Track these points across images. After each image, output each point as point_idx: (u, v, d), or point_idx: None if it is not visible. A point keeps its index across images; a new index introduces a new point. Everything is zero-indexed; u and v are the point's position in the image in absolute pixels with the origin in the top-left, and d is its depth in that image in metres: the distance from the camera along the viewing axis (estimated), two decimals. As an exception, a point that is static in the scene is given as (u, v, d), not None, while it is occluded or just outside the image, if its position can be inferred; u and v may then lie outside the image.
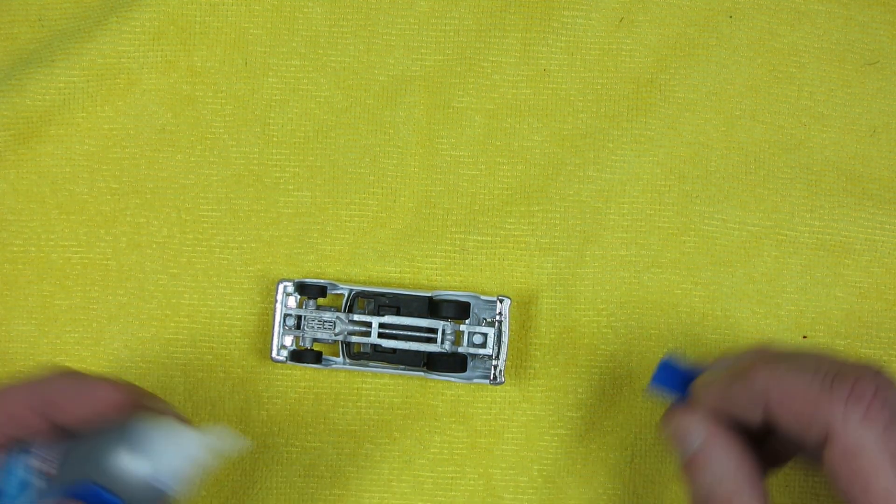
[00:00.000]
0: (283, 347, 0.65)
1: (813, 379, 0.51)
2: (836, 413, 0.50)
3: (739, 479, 0.53)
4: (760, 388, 0.52)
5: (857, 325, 0.67)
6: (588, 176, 0.67)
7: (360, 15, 0.67)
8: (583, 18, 0.68)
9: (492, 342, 0.64)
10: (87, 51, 0.66)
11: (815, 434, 0.51)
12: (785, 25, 0.68)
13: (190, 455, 0.51)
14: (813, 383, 0.51)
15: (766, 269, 0.67)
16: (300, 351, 0.64)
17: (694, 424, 0.55)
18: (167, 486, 0.51)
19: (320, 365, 0.64)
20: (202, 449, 0.51)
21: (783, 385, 0.52)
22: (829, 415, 0.50)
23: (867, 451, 0.49)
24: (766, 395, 0.52)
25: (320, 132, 0.67)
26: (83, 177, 0.66)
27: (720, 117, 0.68)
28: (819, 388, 0.51)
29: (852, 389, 0.50)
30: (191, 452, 0.51)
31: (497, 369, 0.64)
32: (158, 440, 0.51)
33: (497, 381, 0.64)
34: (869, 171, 0.68)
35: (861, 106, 0.68)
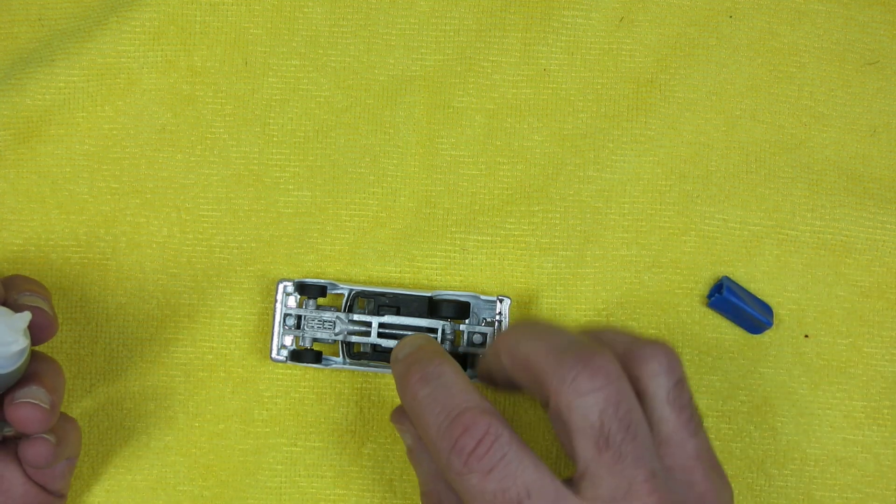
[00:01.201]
0: (282, 347, 0.65)
1: (546, 352, 0.55)
2: (553, 383, 0.53)
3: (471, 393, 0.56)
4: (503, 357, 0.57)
5: (859, 323, 0.67)
6: (588, 176, 0.67)
7: (360, 15, 0.67)
8: (583, 18, 0.68)
9: (490, 341, 0.64)
10: (87, 50, 0.66)
11: (543, 396, 0.55)
12: (785, 25, 0.69)
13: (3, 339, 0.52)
14: (540, 356, 0.55)
15: (767, 268, 0.67)
16: (300, 351, 0.64)
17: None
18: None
19: (320, 365, 0.64)
20: (13, 332, 0.52)
21: (517, 354, 0.56)
22: (548, 383, 0.54)
23: (572, 421, 0.53)
24: (506, 363, 0.57)
25: (320, 132, 0.67)
26: (83, 176, 0.66)
27: (721, 117, 0.68)
28: (545, 361, 0.54)
29: (572, 366, 0.53)
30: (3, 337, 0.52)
31: None
32: None
33: None
34: (869, 171, 0.68)
35: (861, 105, 0.68)
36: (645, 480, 0.53)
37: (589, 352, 0.54)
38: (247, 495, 0.65)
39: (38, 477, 0.59)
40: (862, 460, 0.66)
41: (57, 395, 0.56)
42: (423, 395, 0.55)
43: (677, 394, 0.56)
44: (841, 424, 0.66)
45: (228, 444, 0.65)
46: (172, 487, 0.65)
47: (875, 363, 0.67)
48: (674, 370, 0.56)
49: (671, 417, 0.56)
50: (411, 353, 0.58)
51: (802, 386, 0.67)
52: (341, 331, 0.64)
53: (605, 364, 0.54)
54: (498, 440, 0.53)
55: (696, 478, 0.56)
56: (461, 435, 0.53)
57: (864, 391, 0.67)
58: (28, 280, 0.59)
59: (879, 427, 0.66)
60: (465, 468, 0.53)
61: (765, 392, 0.67)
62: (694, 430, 0.56)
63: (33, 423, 0.55)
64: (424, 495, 0.59)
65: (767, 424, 0.66)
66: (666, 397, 0.56)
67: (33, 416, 0.55)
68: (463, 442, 0.53)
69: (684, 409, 0.56)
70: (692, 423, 0.56)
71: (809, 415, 0.66)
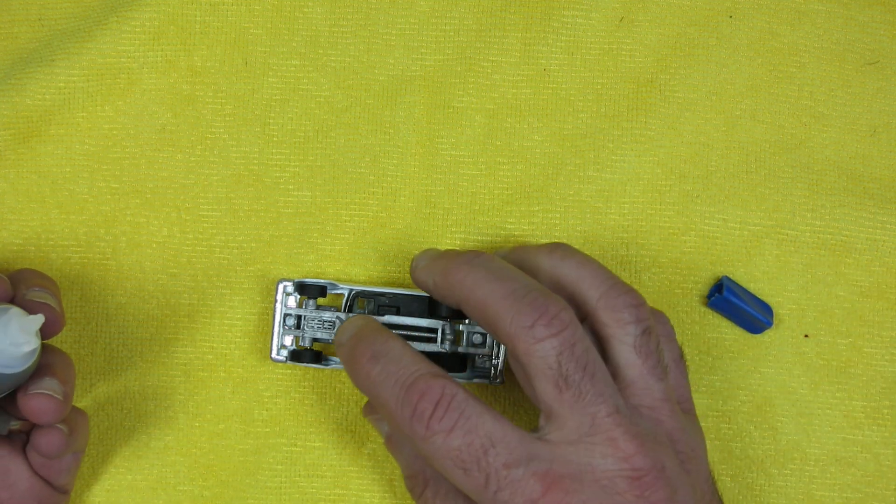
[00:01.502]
0: (282, 347, 0.65)
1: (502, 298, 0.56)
2: (510, 330, 0.55)
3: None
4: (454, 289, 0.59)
5: (859, 323, 0.67)
6: (588, 176, 0.67)
7: (360, 15, 0.67)
8: (583, 18, 0.68)
9: (490, 341, 0.64)
10: (87, 50, 0.66)
11: (497, 337, 0.56)
12: (785, 25, 0.68)
13: (12, 339, 0.53)
14: (497, 302, 0.56)
15: (767, 268, 0.67)
16: (299, 350, 0.64)
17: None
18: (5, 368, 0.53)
19: (320, 364, 0.64)
20: (22, 332, 0.53)
21: (473, 298, 0.57)
22: (505, 330, 0.55)
23: (531, 365, 0.55)
24: (458, 297, 0.58)
25: (320, 132, 0.67)
26: (83, 176, 0.66)
27: (720, 117, 0.68)
28: (501, 307, 0.56)
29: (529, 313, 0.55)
30: (12, 336, 0.53)
31: (497, 369, 0.64)
32: None
33: (496, 380, 0.64)
34: (869, 171, 0.68)
35: (861, 105, 0.68)
36: (608, 415, 0.54)
37: (544, 299, 0.55)
38: (247, 495, 0.65)
39: (44, 471, 0.60)
40: (862, 460, 0.66)
41: (69, 387, 0.57)
42: (375, 374, 0.56)
43: (644, 341, 0.57)
44: (841, 424, 0.66)
45: (228, 444, 0.65)
46: (172, 487, 0.65)
47: (875, 363, 0.67)
48: (642, 319, 0.57)
49: (637, 363, 0.57)
50: (354, 335, 0.59)
51: (802, 386, 0.67)
52: None
53: (560, 311, 0.55)
54: (454, 399, 0.54)
55: (663, 416, 0.57)
56: (419, 400, 0.54)
57: (864, 391, 0.67)
58: (37, 274, 0.60)
59: (879, 427, 0.66)
60: (428, 431, 0.54)
61: (765, 392, 0.66)
62: (660, 376, 0.57)
63: (48, 414, 0.56)
64: (409, 479, 0.60)
65: (767, 424, 0.66)
66: (633, 343, 0.57)
67: (48, 406, 0.56)
68: (422, 406, 0.54)
69: (651, 355, 0.57)
70: (658, 369, 0.57)
71: (809, 414, 0.66)
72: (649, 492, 0.54)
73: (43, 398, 0.56)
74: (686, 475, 0.56)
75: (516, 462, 0.54)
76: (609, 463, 0.54)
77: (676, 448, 0.57)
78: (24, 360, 0.54)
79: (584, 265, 0.59)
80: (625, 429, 0.55)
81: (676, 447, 0.57)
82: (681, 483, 0.55)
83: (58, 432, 0.58)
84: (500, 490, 0.53)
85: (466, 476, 0.54)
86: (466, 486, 0.54)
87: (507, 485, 0.53)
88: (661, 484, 0.54)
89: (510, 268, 0.58)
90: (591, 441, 0.54)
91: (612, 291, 0.58)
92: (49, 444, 0.58)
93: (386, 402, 0.56)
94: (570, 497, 0.53)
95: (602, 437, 0.54)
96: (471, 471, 0.54)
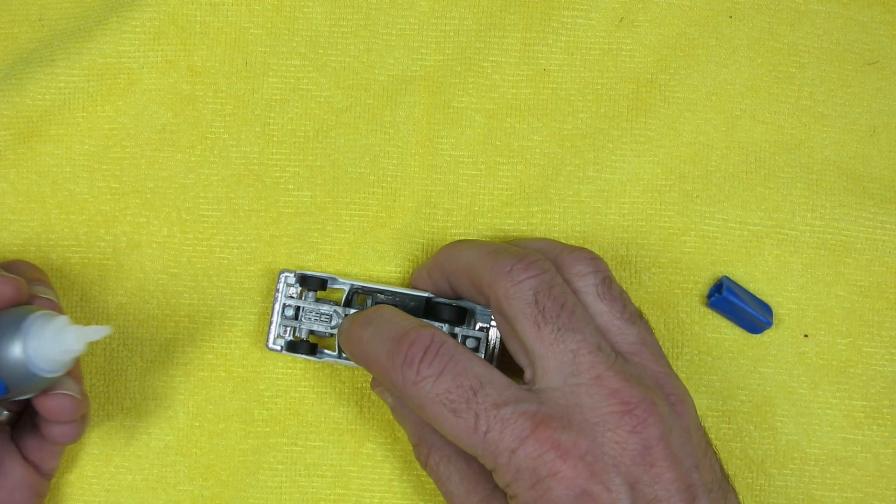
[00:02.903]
0: (279, 337, 0.65)
1: (484, 255, 0.59)
2: (491, 277, 0.58)
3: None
4: (444, 266, 0.62)
5: (859, 323, 0.67)
6: (588, 176, 0.67)
7: (360, 15, 0.67)
8: (583, 18, 0.68)
9: (484, 346, 0.64)
10: (88, 50, 0.66)
11: (483, 295, 0.59)
12: (785, 25, 0.68)
13: (66, 346, 0.54)
14: (479, 259, 0.59)
15: (767, 268, 0.67)
16: (296, 341, 0.64)
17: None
18: (43, 371, 0.55)
19: (314, 357, 0.64)
20: (77, 341, 0.54)
21: (458, 263, 0.61)
22: (486, 279, 0.58)
23: (511, 307, 0.57)
24: (447, 271, 0.62)
25: (320, 132, 0.67)
26: (83, 176, 0.66)
27: (720, 117, 0.68)
28: (483, 262, 0.59)
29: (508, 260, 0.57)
30: (67, 344, 0.54)
31: None
32: (41, 331, 0.54)
33: None
34: (869, 171, 0.68)
35: (861, 105, 0.68)
36: (590, 352, 0.56)
37: (522, 251, 0.58)
38: (247, 495, 0.65)
39: (36, 456, 0.61)
40: (862, 460, 0.66)
41: (82, 384, 0.59)
42: (367, 335, 0.58)
43: (606, 288, 0.59)
44: (841, 424, 0.66)
45: (229, 444, 0.65)
46: (173, 487, 0.65)
47: (875, 363, 0.67)
48: (599, 269, 0.59)
49: (605, 309, 0.58)
50: (352, 315, 0.61)
51: (802, 385, 0.67)
52: (337, 324, 0.64)
53: (537, 259, 0.58)
54: (444, 346, 0.56)
55: (645, 359, 0.58)
56: (408, 349, 0.56)
57: (863, 391, 0.67)
58: (31, 267, 0.61)
59: (879, 427, 0.66)
60: (418, 376, 0.55)
61: (765, 392, 0.66)
62: (630, 319, 0.58)
63: (68, 414, 0.57)
64: (415, 447, 0.61)
65: (767, 424, 0.66)
66: (595, 292, 0.59)
67: (70, 407, 0.57)
68: (412, 353, 0.56)
69: (616, 300, 0.59)
70: (627, 312, 0.58)
71: (809, 414, 0.66)
72: (642, 426, 0.55)
73: (65, 399, 0.57)
74: (678, 418, 0.57)
75: (505, 402, 0.54)
76: (597, 401, 0.55)
77: (665, 391, 0.57)
78: (67, 365, 0.55)
79: (537, 240, 0.62)
80: (608, 365, 0.55)
81: (665, 390, 0.57)
82: (674, 424, 0.56)
83: (74, 423, 0.59)
84: (490, 430, 0.54)
85: (456, 418, 0.55)
86: (457, 429, 0.55)
87: (496, 423, 0.54)
88: (654, 420, 0.55)
89: (490, 241, 0.63)
90: (575, 382, 0.55)
91: (566, 251, 0.60)
92: (63, 435, 0.59)
93: (378, 358, 0.57)
94: (558, 434, 0.54)
95: (586, 376, 0.55)
96: (460, 412, 0.55)
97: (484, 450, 0.55)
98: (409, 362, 0.56)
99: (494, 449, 0.54)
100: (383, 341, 0.57)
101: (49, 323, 0.55)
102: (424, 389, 0.55)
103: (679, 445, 0.55)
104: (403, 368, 0.56)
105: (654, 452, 0.54)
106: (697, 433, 0.57)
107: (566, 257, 0.59)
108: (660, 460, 0.54)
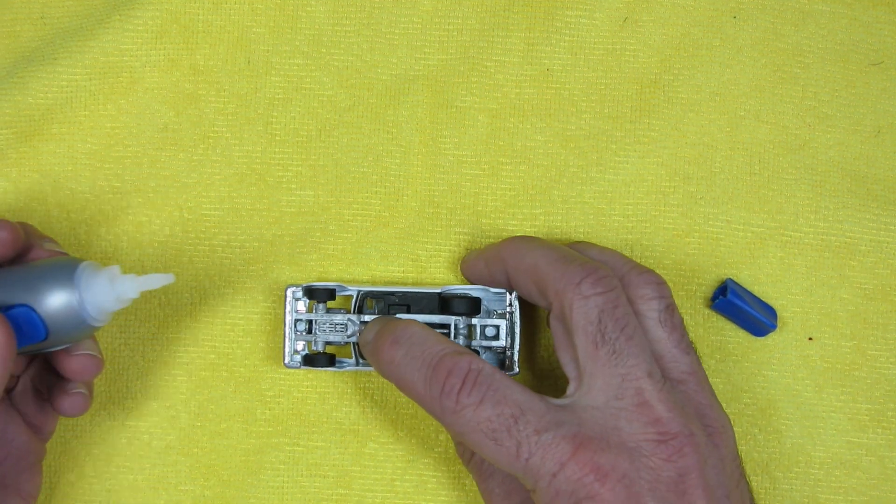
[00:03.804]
0: (295, 353, 0.64)
1: (554, 260, 0.59)
2: (559, 286, 0.58)
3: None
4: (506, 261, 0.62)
5: (863, 326, 0.67)
6: (591, 177, 0.67)
7: (363, 14, 0.67)
8: (587, 18, 0.68)
9: (504, 333, 0.64)
10: (90, 48, 0.66)
11: (546, 299, 0.60)
12: (789, 26, 0.68)
13: (122, 294, 0.56)
14: (549, 263, 0.60)
15: (771, 270, 0.67)
16: (313, 355, 0.64)
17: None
18: (94, 320, 0.56)
19: (334, 368, 0.64)
20: (134, 289, 0.56)
21: (522, 263, 0.61)
22: (554, 287, 0.59)
23: (573, 320, 0.58)
24: (509, 267, 0.62)
25: (323, 131, 0.67)
26: (85, 175, 0.66)
27: (724, 118, 0.68)
28: (552, 268, 0.59)
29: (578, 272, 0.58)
30: (124, 292, 0.56)
31: (511, 359, 0.64)
32: (94, 279, 0.56)
33: (512, 370, 0.64)
34: (873, 172, 0.68)
35: (865, 106, 0.68)
36: (639, 378, 0.56)
37: (592, 264, 0.58)
38: (249, 495, 0.65)
39: (38, 420, 0.61)
40: (867, 463, 0.66)
41: (98, 345, 0.60)
42: (399, 357, 0.58)
43: (668, 316, 0.59)
44: (845, 427, 0.66)
45: (231, 444, 0.65)
46: (174, 487, 0.65)
47: (879, 366, 0.67)
48: (664, 295, 0.60)
49: (663, 336, 0.59)
50: (378, 330, 0.60)
51: (807, 389, 0.66)
52: (353, 332, 0.64)
53: (607, 275, 0.58)
54: (481, 373, 0.56)
55: (691, 389, 0.59)
56: (447, 378, 0.56)
57: (868, 394, 0.66)
58: (36, 229, 0.61)
59: (884, 430, 0.66)
60: (458, 405, 0.56)
61: (769, 395, 0.66)
62: (686, 349, 0.59)
63: (91, 373, 0.58)
64: (458, 445, 0.63)
65: (772, 427, 0.66)
66: (657, 318, 0.59)
67: (93, 366, 0.59)
68: (451, 383, 0.56)
69: (675, 328, 0.59)
70: (684, 342, 0.59)
71: (814, 417, 0.66)
72: (677, 455, 0.55)
73: (89, 359, 0.58)
74: (715, 448, 0.57)
75: (545, 427, 0.55)
76: (636, 427, 0.55)
77: (704, 422, 0.58)
78: (110, 316, 0.57)
79: (606, 251, 0.63)
80: (655, 393, 0.56)
81: (705, 421, 0.58)
82: (710, 454, 0.56)
83: (84, 397, 0.60)
84: (532, 456, 0.55)
85: (498, 446, 0.55)
86: (498, 456, 0.55)
87: (537, 449, 0.55)
88: (691, 450, 0.55)
89: (558, 243, 0.62)
90: (618, 405, 0.56)
91: (634, 270, 0.60)
92: (74, 406, 0.60)
93: (413, 384, 0.57)
94: (597, 456, 0.54)
95: (630, 401, 0.56)
96: (502, 440, 0.55)
97: (525, 473, 0.55)
98: (449, 393, 0.56)
99: (535, 473, 0.55)
100: (418, 367, 0.57)
101: (102, 271, 0.56)
102: (465, 418, 0.56)
103: (713, 475, 0.56)
104: (442, 399, 0.56)
105: (687, 481, 0.55)
106: (732, 463, 0.58)
107: (634, 277, 0.60)
108: (693, 489, 0.55)
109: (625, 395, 0.56)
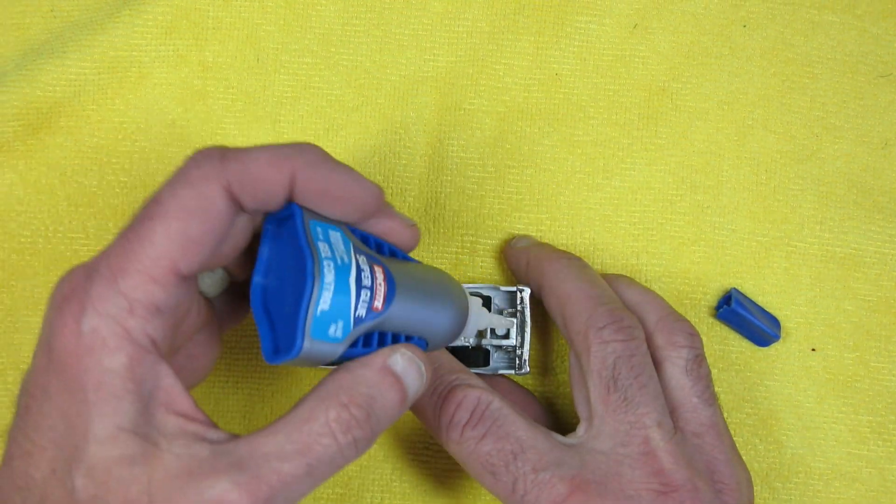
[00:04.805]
0: None
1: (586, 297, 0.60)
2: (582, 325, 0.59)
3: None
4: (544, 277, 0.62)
5: (867, 337, 0.67)
6: (597, 183, 0.67)
7: (373, 14, 0.67)
8: (596, 24, 0.68)
9: (515, 332, 0.64)
10: (99, 43, 0.66)
11: (567, 331, 0.60)
12: (798, 36, 0.68)
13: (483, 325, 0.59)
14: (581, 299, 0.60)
15: (775, 280, 0.67)
16: None
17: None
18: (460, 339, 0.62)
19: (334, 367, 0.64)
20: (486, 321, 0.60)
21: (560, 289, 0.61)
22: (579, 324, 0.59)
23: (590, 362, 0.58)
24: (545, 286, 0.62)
25: (330, 130, 0.67)
26: (93, 169, 0.66)
27: (732, 127, 0.68)
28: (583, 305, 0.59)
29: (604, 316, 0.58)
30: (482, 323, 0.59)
31: (521, 358, 0.64)
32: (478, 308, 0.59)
33: (522, 370, 0.64)
34: (880, 184, 0.68)
35: (873, 118, 0.68)
36: (646, 427, 0.56)
37: (621, 312, 0.59)
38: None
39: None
40: (867, 475, 0.66)
41: None
42: None
43: (696, 365, 0.59)
44: (846, 439, 0.66)
45: (229, 440, 0.65)
46: (172, 481, 0.65)
47: (882, 378, 0.66)
48: (695, 345, 0.60)
49: (687, 384, 0.59)
50: None
51: (808, 399, 0.66)
52: None
53: (632, 325, 0.58)
54: (489, 407, 0.56)
55: (706, 442, 0.58)
56: (455, 410, 0.56)
57: (870, 406, 0.66)
58: None
59: (885, 442, 0.66)
60: (461, 438, 0.56)
61: (771, 405, 0.66)
62: (709, 401, 0.59)
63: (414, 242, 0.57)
64: None
65: (773, 437, 0.66)
66: (685, 366, 0.59)
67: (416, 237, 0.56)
68: (458, 416, 0.56)
69: (701, 379, 0.59)
70: (707, 394, 0.59)
71: (815, 428, 0.66)
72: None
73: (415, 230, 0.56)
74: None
75: (544, 466, 0.55)
76: (638, 475, 0.55)
77: (715, 478, 0.57)
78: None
79: (646, 293, 0.63)
80: (663, 443, 0.56)
81: (715, 476, 0.57)
82: None
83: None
84: (527, 493, 0.55)
85: (495, 480, 0.56)
86: (496, 490, 0.56)
87: (533, 488, 0.55)
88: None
89: (599, 278, 0.61)
90: (623, 452, 0.56)
91: (670, 317, 0.61)
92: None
93: (422, 409, 0.58)
94: (593, 500, 0.54)
95: (635, 448, 0.56)
96: (499, 475, 0.55)
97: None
98: (455, 425, 0.56)
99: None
100: (429, 394, 0.58)
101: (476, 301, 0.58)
102: (467, 450, 0.56)
103: None
104: (449, 429, 0.57)
105: None
106: None
107: (670, 323, 0.61)
108: None
109: (631, 442, 0.56)
